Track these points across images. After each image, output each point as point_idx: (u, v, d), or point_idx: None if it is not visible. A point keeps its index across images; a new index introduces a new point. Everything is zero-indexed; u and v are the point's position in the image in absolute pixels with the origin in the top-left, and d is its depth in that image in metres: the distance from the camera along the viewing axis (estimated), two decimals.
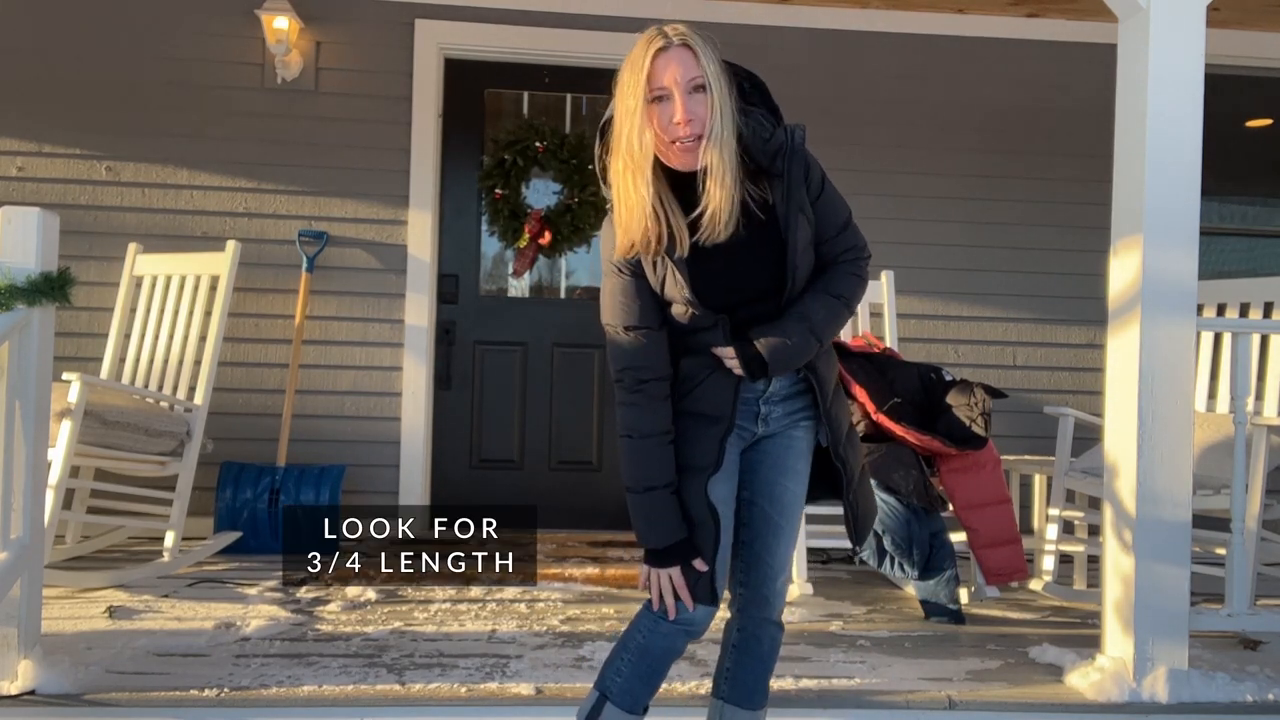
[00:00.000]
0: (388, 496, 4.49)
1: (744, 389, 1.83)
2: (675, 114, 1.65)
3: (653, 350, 1.79)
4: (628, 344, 1.79)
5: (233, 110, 4.45)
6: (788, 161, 1.76)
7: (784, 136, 1.77)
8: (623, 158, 1.69)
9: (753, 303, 1.78)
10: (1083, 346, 4.77)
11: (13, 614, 2.42)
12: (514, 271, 4.74)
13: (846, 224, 1.88)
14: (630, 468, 1.79)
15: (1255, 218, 5.04)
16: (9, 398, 2.44)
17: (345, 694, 2.43)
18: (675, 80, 1.66)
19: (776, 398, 1.88)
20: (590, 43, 4.59)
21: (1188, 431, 2.59)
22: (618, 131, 1.70)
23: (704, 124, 1.66)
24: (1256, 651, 3.00)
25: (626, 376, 1.79)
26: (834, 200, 1.86)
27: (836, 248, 1.86)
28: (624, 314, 1.78)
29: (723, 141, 1.67)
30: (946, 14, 4.67)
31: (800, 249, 1.77)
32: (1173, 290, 2.57)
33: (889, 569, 3.43)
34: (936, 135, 4.72)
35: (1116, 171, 2.70)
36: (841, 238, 1.86)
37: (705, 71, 1.67)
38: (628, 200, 1.70)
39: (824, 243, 1.84)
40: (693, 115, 1.65)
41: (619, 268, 1.79)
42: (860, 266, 1.90)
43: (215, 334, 3.97)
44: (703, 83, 1.67)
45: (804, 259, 1.79)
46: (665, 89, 1.67)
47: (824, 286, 1.84)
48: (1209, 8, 2.60)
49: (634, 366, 1.78)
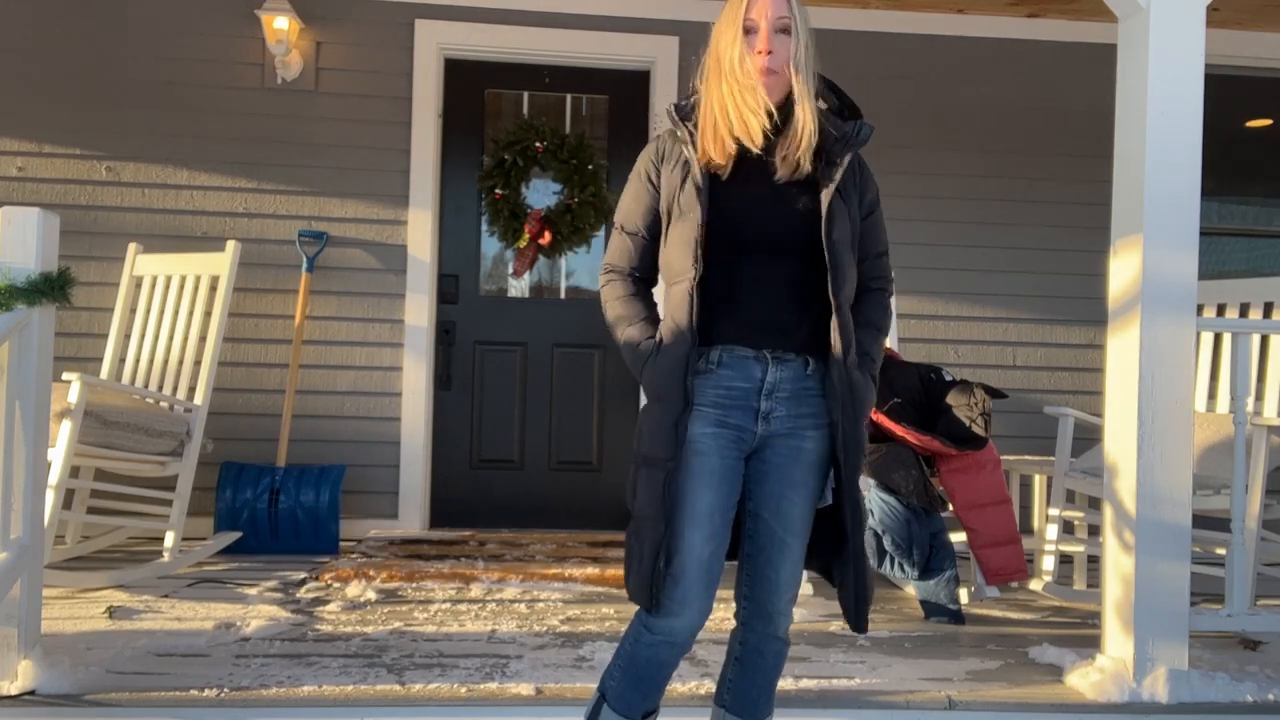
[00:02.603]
0: (388, 497, 4.49)
1: (737, 376, 1.81)
2: (759, 43, 1.79)
3: (637, 253, 1.90)
4: (621, 244, 1.92)
5: (233, 110, 4.45)
6: (849, 148, 1.84)
7: (853, 128, 1.86)
8: (726, 80, 1.80)
9: (764, 252, 1.79)
10: (1083, 346, 4.77)
11: (13, 614, 2.42)
12: (514, 271, 4.74)
13: (884, 253, 1.97)
14: (614, 321, 1.89)
15: (1255, 218, 5.04)
16: (9, 398, 2.44)
17: (345, 694, 2.43)
18: (764, 14, 1.80)
19: (782, 392, 1.83)
20: (591, 43, 4.59)
21: (1188, 431, 2.59)
22: (716, 56, 1.83)
23: (782, 62, 1.79)
24: (1256, 651, 3.00)
25: (607, 269, 1.93)
26: (880, 226, 1.96)
27: (871, 271, 1.93)
28: (630, 217, 1.91)
29: (806, 79, 1.80)
30: (946, 14, 4.68)
31: (837, 223, 1.79)
32: (1173, 290, 2.57)
33: (889, 569, 3.43)
34: (936, 135, 4.72)
35: (1116, 171, 2.70)
36: (877, 264, 1.94)
37: (793, 16, 1.82)
38: (728, 112, 1.80)
39: (862, 261, 1.90)
40: (774, 48, 1.79)
41: (645, 172, 1.91)
42: (888, 295, 1.99)
43: (215, 334, 3.98)
44: (789, 25, 1.81)
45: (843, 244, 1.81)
46: (754, 21, 1.80)
47: (867, 319, 1.91)
48: (1209, 8, 2.60)
49: (617, 264, 1.91)
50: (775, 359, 1.81)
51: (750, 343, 1.81)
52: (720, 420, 1.81)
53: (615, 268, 1.93)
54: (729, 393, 1.81)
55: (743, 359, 1.81)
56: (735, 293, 1.81)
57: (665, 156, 1.88)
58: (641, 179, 1.91)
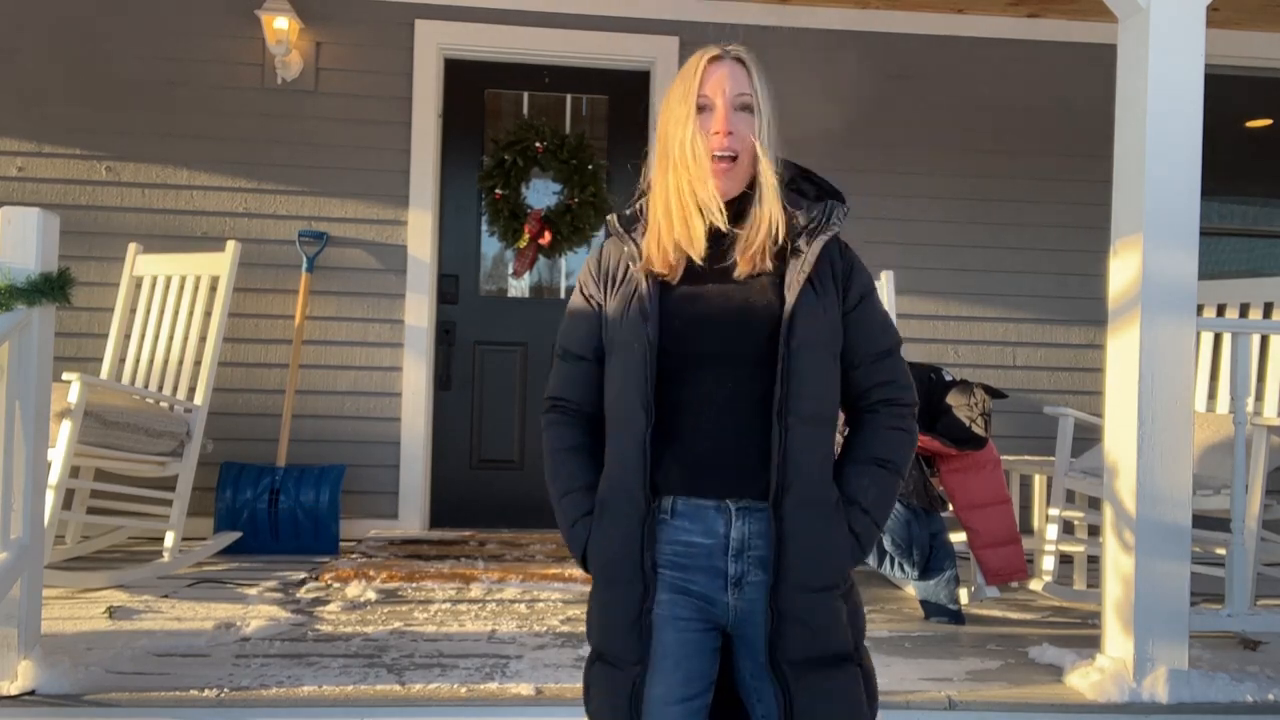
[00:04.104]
0: (388, 497, 4.49)
1: (696, 530, 1.48)
2: (715, 122, 1.51)
3: (583, 382, 1.60)
4: (564, 371, 1.63)
5: (233, 110, 4.45)
6: (819, 234, 1.53)
7: (821, 211, 1.55)
8: (674, 169, 1.53)
9: (719, 365, 1.48)
10: (1083, 346, 4.77)
11: (13, 614, 2.42)
12: (514, 271, 4.74)
13: (889, 352, 1.59)
14: (551, 483, 1.61)
15: (1255, 218, 5.04)
16: (9, 398, 2.44)
17: (345, 694, 2.43)
18: (722, 91, 1.52)
19: (755, 550, 1.48)
20: (591, 43, 4.59)
21: (1188, 431, 2.59)
22: (663, 140, 1.55)
23: (744, 143, 1.51)
24: (1256, 651, 3.00)
25: (549, 403, 1.64)
26: (874, 318, 1.58)
27: (871, 377, 1.56)
28: (571, 338, 1.63)
29: (771, 158, 1.53)
30: (946, 14, 4.68)
31: (802, 320, 1.47)
32: (1173, 290, 2.57)
33: (889, 569, 3.43)
34: (936, 135, 4.72)
35: (1116, 171, 2.70)
36: (879, 367, 1.57)
37: (755, 92, 1.53)
38: (669, 211, 1.53)
39: (856, 367, 1.56)
40: (734, 129, 1.51)
41: (585, 288, 1.63)
42: (905, 417, 1.57)
43: (215, 334, 3.97)
44: (750, 102, 1.53)
45: (809, 347, 1.48)
46: (708, 98, 1.52)
47: (865, 453, 1.55)
48: (1209, 8, 2.60)
49: (560, 396, 1.63)
50: (741, 509, 1.47)
51: (706, 490, 1.48)
52: (678, 585, 1.48)
53: (559, 402, 1.63)
54: (687, 550, 1.48)
55: (700, 509, 1.48)
56: (681, 420, 1.48)
57: (609, 270, 1.59)
58: (580, 296, 1.63)
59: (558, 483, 1.60)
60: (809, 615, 1.46)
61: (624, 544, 1.49)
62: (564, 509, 1.59)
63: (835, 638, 1.48)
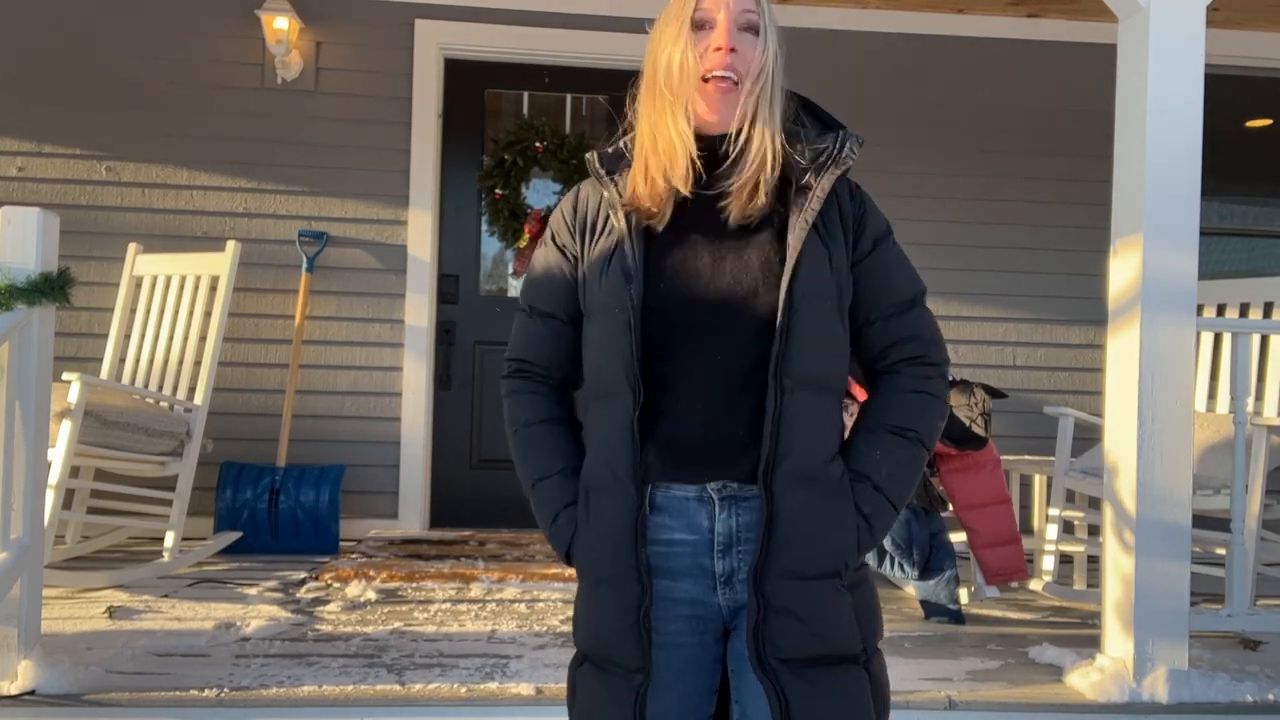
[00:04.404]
0: (388, 496, 4.49)
1: (678, 525, 1.32)
2: (716, 38, 1.32)
3: (551, 343, 1.43)
4: (530, 329, 1.45)
5: (233, 110, 4.45)
6: (826, 169, 1.34)
7: (832, 141, 1.36)
8: (658, 92, 1.35)
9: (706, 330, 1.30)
10: (1083, 346, 4.77)
11: (13, 614, 2.42)
12: (514, 271, 4.74)
13: (911, 304, 1.39)
14: (519, 465, 1.42)
15: (1255, 218, 5.04)
16: (9, 398, 2.44)
17: (345, 694, 2.43)
18: (725, 4, 1.33)
19: (743, 545, 1.30)
20: (590, 43, 4.59)
21: (1188, 431, 2.59)
22: (652, 64, 1.37)
23: (747, 67, 1.32)
24: (1256, 651, 3.00)
25: (511, 366, 1.46)
26: (891, 265, 1.39)
27: (890, 334, 1.37)
28: (538, 292, 1.44)
29: (771, 95, 1.33)
30: (946, 14, 4.68)
31: (805, 269, 1.29)
32: (1173, 290, 2.57)
33: (889, 569, 3.43)
34: (936, 135, 4.72)
35: (1116, 171, 2.70)
36: (899, 321, 1.37)
37: (761, 11, 1.34)
38: (655, 141, 1.35)
39: (871, 324, 1.37)
40: (737, 47, 1.31)
41: (557, 237, 1.44)
42: (930, 378, 1.37)
43: (215, 334, 3.97)
44: (756, 22, 1.33)
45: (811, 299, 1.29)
46: (707, 13, 1.33)
47: (880, 419, 1.35)
48: (1209, 8, 2.60)
49: (525, 358, 1.45)
50: (726, 499, 1.30)
51: (686, 475, 1.30)
52: (663, 592, 1.31)
53: (524, 365, 1.43)
54: (669, 551, 1.32)
55: (680, 500, 1.31)
56: (663, 396, 1.29)
57: (587, 217, 1.39)
58: (552, 245, 1.43)
59: (530, 465, 1.40)
60: (801, 606, 1.27)
61: (615, 540, 1.30)
62: (541, 499, 1.39)
63: (837, 635, 1.30)
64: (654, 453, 1.30)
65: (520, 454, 1.42)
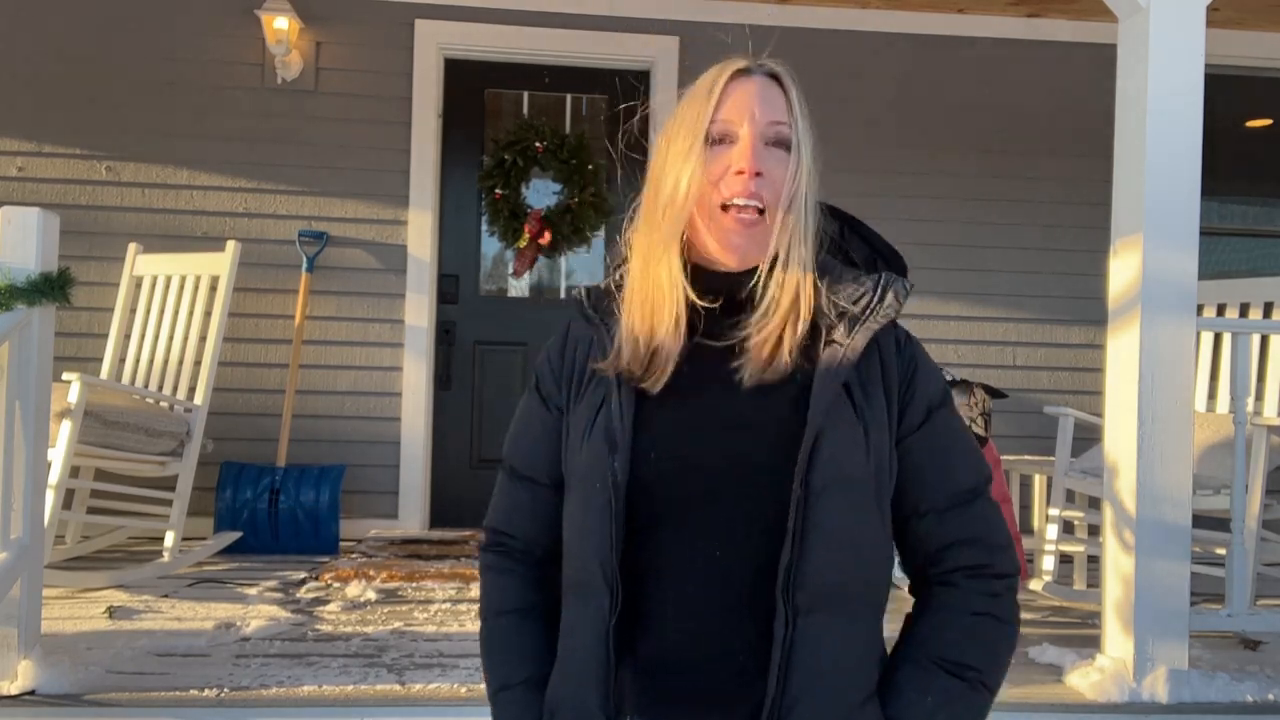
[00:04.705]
0: (388, 496, 4.49)
1: None
2: (739, 159, 1.06)
3: (531, 512, 1.18)
4: (509, 493, 1.21)
5: (233, 110, 4.45)
6: (865, 321, 1.08)
7: (872, 288, 1.10)
8: (656, 220, 1.11)
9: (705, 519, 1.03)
10: (1083, 346, 4.77)
11: (13, 614, 2.42)
12: (514, 271, 4.74)
13: (973, 495, 1.09)
14: (483, 654, 1.20)
15: (1255, 218, 5.04)
16: (9, 398, 2.44)
17: (345, 694, 2.43)
18: (750, 115, 1.07)
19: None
20: (591, 43, 4.59)
21: (1188, 431, 2.59)
22: (655, 183, 1.12)
23: (776, 193, 1.07)
24: (1256, 651, 3.00)
25: (488, 536, 1.22)
26: (949, 443, 1.10)
27: (946, 532, 1.08)
28: (518, 451, 1.21)
29: (805, 228, 1.08)
30: (946, 14, 4.68)
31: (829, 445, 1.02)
32: (1173, 290, 2.57)
33: None
34: (936, 135, 4.72)
35: (1116, 171, 2.70)
36: (960, 518, 1.08)
37: (794, 123, 1.09)
38: (645, 280, 1.11)
39: (922, 517, 1.08)
40: (763, 169, 1.06)
41: (541, 384, 1.19)
42: (1000, 599, 1.08)
43: (215, 334, 3.97)
44: (787, 136, 1.08)
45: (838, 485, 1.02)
46: (730, 125, 1.08)
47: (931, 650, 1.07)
48: (1209, 8, 2.60)
49: (502, 529, 1.21)
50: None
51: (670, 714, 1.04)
52: None
53: (501, 537, 1.20)
54: None
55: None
56: (647, 599, 1.04)
57: (575, 362, 1.16)
58: (535, 394, 1.20)
59: (492, 669, 1.17)
60: None
61: None
62: (500, 712, 1.15)
63: None
64: (631, 678, 1.04)
65: (484, 651, 1.19)
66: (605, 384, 1.10)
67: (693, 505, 1.04)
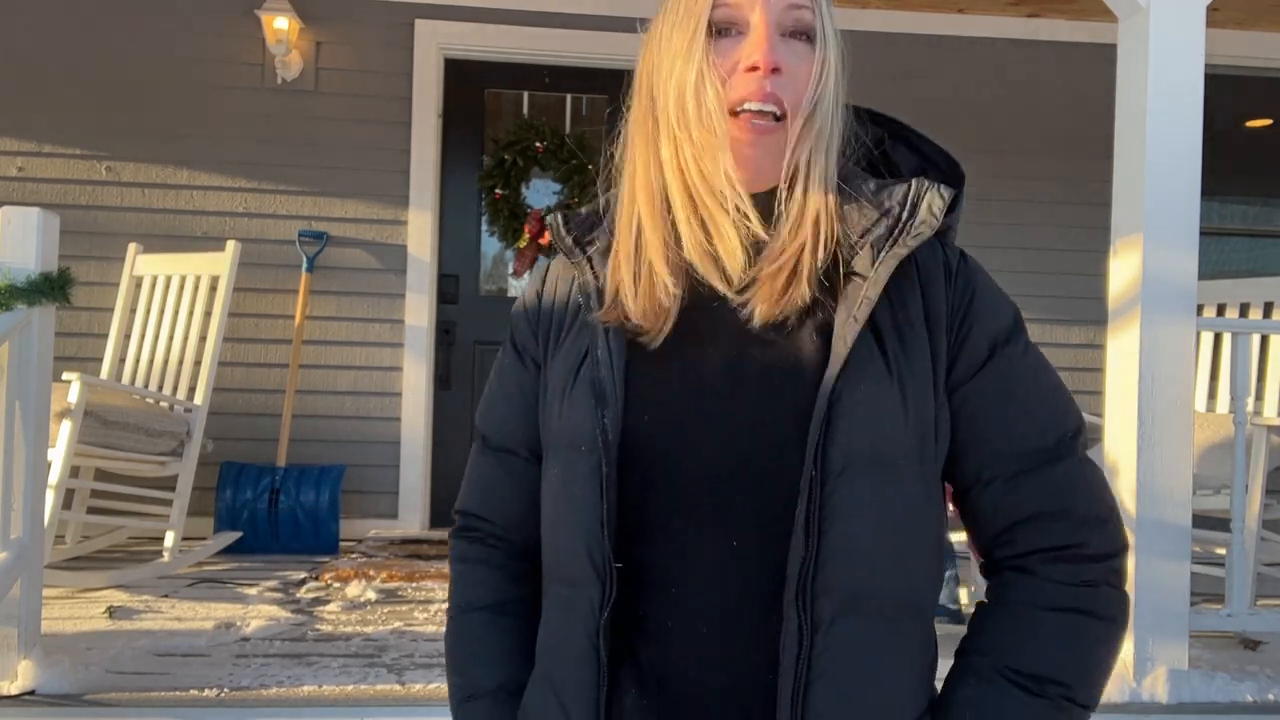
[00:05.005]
0: (388, 496, 4.49)
1: None
2: (751, 52, 0.85)
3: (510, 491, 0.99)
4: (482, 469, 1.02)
5: (233, 110, 4.45)
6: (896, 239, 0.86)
7: (903, 196, 0.88)
8: (666, 136, 0.90)
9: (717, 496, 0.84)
10: (1083, 346, 4.77)
11: (13, 614, 2.42)
12: (514, 272, 4.74)
13: (1057, 452, 0.87)
14: (447, 655, 1.02)
15: (1255, 218, 5.04)
16: (9, 398, 2.44)
17: (345, 694, 2.43)
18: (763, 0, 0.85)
19: None
20: (590, 43, 4.59)
21: (1188, 431, 2.59)
22: (647, 86, 0.94)
23: (797, 94, 0.86)
24: (1256, 651, 3.00)
25: (458, 520, 1.04)
26: (1026, 386, 0.88)
27: (1020, 504, 0.87)
28: (490, 416, 1.02)
29: (829, 135, 0.89)
30: (946, 14, 4.68)
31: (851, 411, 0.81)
32: (1173, 290, 2.57)
33: None
34: (936, 135, 4.70)
35: (1116, 171, 2.70)
36: (1038, 484, 0.86)
37: (817, 5, 0.89)
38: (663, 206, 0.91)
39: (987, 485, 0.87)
40: (781, 65, 0.85)
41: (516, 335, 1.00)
42: (1095, 589, 0.89)
43: (215, 334, 3.98)
44: (810, 23, 0.88)
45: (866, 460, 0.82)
46: (740, 11, 0.87)
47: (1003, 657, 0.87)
48: (1209, 8, 2.60)
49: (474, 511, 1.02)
50: None
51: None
52: None
53: (473, 521, 1.02)
54: None
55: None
56: (646, 596, 0.86)
57: (554, 308, 0.97)
58: (510, 348, 1.00)
59: (459, 671, 0.99)
60: None
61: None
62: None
63: None
64: (631, 698, 0.85)
65: (449, 652, 1.01)
66: (589, 330, 0.90)
67: (700, 483, 0.84)
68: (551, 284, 0.99)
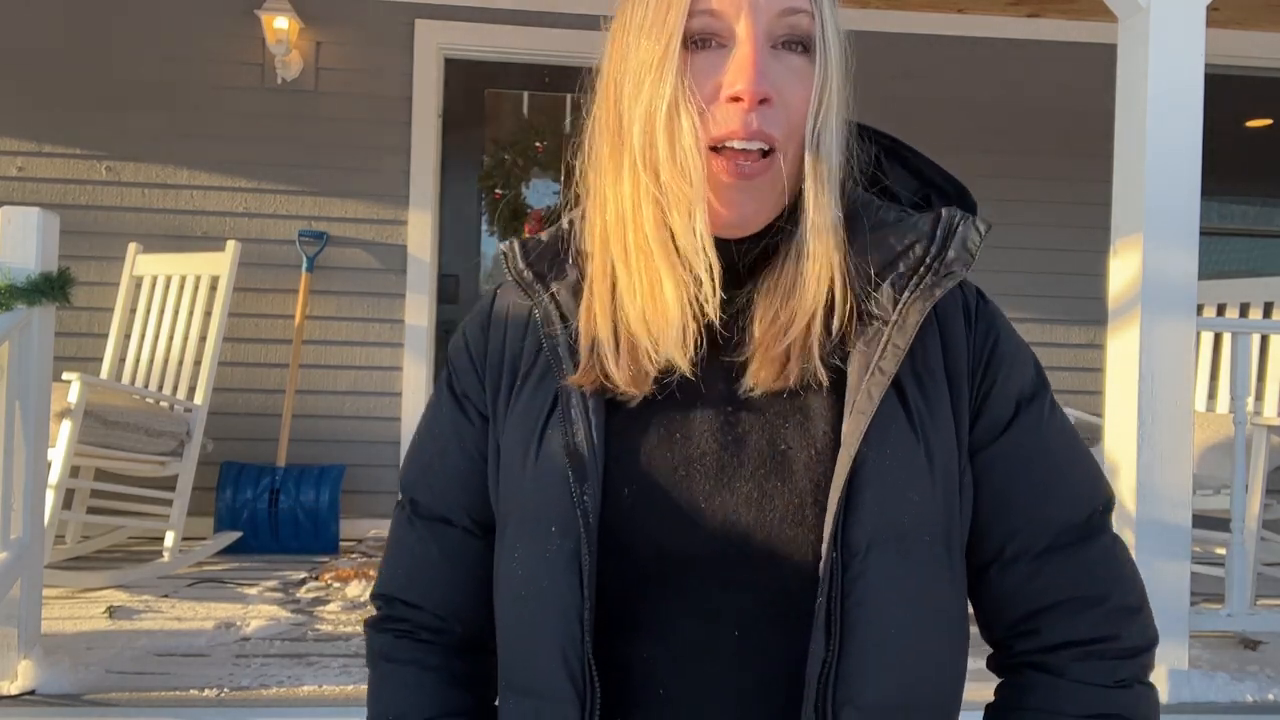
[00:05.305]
0: (388, 496, 4.49)
1: None
2: (734, 76, 0.70)
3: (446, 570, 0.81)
4: (407, 543, 0.83)
5: (233, 110, 4.45)
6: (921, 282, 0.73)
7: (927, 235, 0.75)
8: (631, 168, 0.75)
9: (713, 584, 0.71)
10: (1083, 346, 4.77)
11: (13, 614, 2.42)
12: None
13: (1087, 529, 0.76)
14: None
15: (1255, 218, 5.04)
16: (9, 398, 2.44)
17: (345, 694, 2.43)
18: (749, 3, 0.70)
19: None
20: (591, 43, 4.55)
21: (1188, 431, 2.59)
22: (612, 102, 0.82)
23: (792, 118, 0.71)
24: (1256, 651, 3.00)
25: (375, 606, 0.85)
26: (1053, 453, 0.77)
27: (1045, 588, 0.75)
28: (421, 477, 0.83)
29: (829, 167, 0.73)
30: (946, 14, 4.68)
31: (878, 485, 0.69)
32: (1173, 290, 2.57)
33: None
34: (936, 135, 4.69)
35: (1116, 171, 2.70)
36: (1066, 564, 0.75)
37: (818, 10, 0.72)
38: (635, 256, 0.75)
39: (1008, 564, 0.75)
40: (771, 92, 0.70)
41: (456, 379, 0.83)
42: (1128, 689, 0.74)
43: (215, 334, 3.97)
44: (808, 31, 0.72)
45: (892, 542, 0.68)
46: (721, 20, 0.71)
47: None
48: (1209, 8, 2.60)
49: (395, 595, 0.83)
50: None
51: None
52: None
53: (400, 610, 0.83)
54: None
55: None
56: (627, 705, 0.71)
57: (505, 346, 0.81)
58: (447, 392, 0.84)
59: None
60: None
61: None
62: None
63: None
64: None
65: None
66: (554, 379, 0.75)
67: (693, 567, 0.70)
68: (501, 316, 0.81)
